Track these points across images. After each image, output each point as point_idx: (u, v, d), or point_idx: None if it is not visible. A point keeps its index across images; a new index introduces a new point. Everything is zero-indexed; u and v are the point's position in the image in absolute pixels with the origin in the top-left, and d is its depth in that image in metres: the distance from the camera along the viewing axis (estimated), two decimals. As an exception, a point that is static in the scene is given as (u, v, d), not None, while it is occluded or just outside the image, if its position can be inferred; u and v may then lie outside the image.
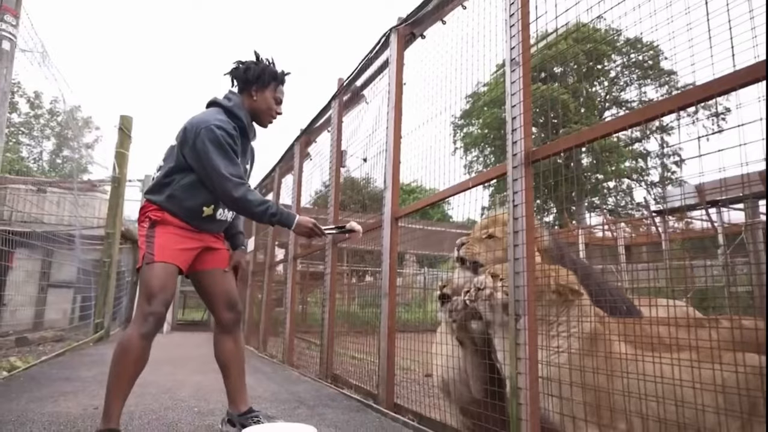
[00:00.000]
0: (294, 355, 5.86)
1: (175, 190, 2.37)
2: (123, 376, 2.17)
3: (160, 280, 2.26)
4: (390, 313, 3.39)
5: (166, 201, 2.37)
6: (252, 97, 2.54)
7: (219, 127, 2.30)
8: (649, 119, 1.81)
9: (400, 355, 3.38)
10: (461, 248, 2.55)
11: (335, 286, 4.78)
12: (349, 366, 4.43)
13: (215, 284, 2.56)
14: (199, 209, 2.41)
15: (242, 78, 2.54)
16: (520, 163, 2.21)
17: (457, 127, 25.97)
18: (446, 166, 3.00)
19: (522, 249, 2.13)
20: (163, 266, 2.29)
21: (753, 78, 1.50)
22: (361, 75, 4.59)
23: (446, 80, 3.09)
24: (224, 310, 2.57)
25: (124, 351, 2.18)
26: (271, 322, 7.62)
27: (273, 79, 2.55)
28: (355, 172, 4.96)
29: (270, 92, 2.55)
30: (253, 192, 2.34)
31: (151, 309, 2.22)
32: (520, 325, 2.08)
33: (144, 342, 2.21)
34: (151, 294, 2.23)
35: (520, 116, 2.25)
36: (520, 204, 2.18)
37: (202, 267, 2.54)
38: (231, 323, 2.58)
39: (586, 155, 22.33)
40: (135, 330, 2.20)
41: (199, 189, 2.38)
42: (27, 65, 5.01)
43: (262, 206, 2.32)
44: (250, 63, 2.55)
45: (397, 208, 3.54)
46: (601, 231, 13.19)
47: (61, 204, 11.24)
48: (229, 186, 2.27)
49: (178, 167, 2.38)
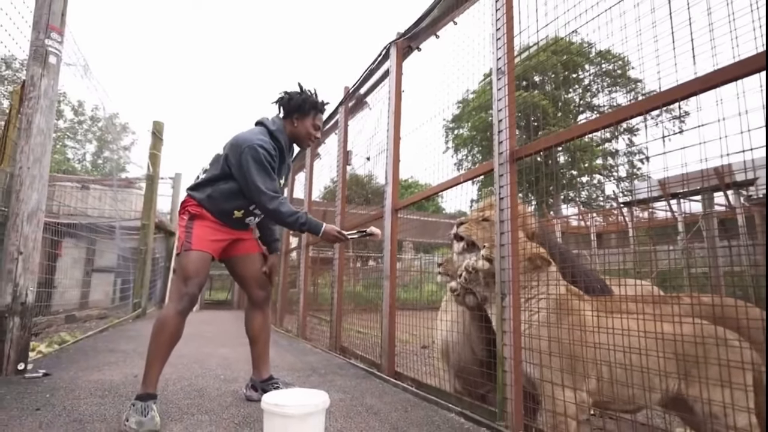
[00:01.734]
0: (307, 330, 5.88)
1: (215, 192, 2.40)
2: (161, 348, 2.19)
3: (195, 265, 2.28)
4: (391, 293, 3.40)
5: (206, 199, 2.40)
6: (293, 124, 2.56)
7: (262, 146, 2.34)
8: (619, 121, 1.80)
9: (399, 330, 3.39)
10: (460, 227, 2.55)
11: (343, 269, 4.79)
12: (356, 339, 4.44)
13: (247, 267, 2.61)
14: (231, 212, 2.45)
15: (286, 107, 2.57)
16: (506, 161, 2.21)
17: (449, 130, 25.89)
18: (439, 163, 2.99)
19: (507, 235, 2.13)
20: (198, 254, 2.32)
21: (711, 84, 1.49)
22: (365, 83, 4.57)
23: (439, 88, 3.08)
24: (256, 288, 2.62)
25: (163, 326, 2.20)
26: (287, 302, 7.64)
27: (313, 109, 2.57)
28: (359, 170, 4.95)
29: (309, 120, 2.57)
30: (286, 204, 2.37)
31: (187, 290, 2.24)
32: (505, 302, 2.08)
33: (180, 318, 2.22)
34: (188, 276, 2.26)
35: (506, 119, 2.24)
36: (505, 197, 2.18)
37: (235, 253, 2.59)
38: (262, 300, 2.63)
39: (563, 154, 22.27)
40: (172, 307, 2.23)
41: (235, 196, 2.42)
42: (71, 77, 4.99)
43: (292, 217, 2.35)
44: (294, 93, 2.57)
45: (397, 201, 3.54)
46: (576, 221, 13.17)
47: (102, 199, 11.24)
48: (265, 199, 2.31)
49: (222, 175, 2.41)
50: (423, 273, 6.80)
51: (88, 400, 2.44)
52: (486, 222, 2.48)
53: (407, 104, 3.65)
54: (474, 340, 2.56)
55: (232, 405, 2.47)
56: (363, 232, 2.52)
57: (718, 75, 1.47)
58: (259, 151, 2.32)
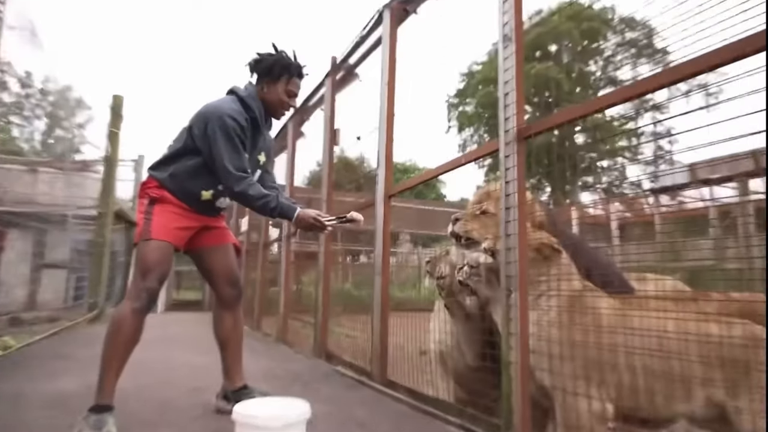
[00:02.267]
0: (288, 333, 5.89)
1: (178, 170, 2.39)
2: (116, 352, 2.19)
3: (155, 256, 2.27)
4: (383, 291, 3.40)
5: (168, 179, 2.39)
6: (263, 89, 2.53)
7: (231, 117, 2.31)
8: (641, 93, 1.79)
9: (394, 334, 3.40)
10: (456, 224, 2.55)
11: (330, 265, 4.79)
12: (344, 344, 4.46)
13: (216, 261, 2.59)
14: (197, 193, 2.42)
15: (255, 70, 2.54)
16: (513, 140, 2.20)
17: (452, 106, 25.85)
18: (439, 144, 2.98)
19: (514, 225, 2.13)
20: (159, 243, 2.30)
21: (752, 50, 1.48)
22: (354, 53, 4.53)
23: (440, 58, 3.06)
24: (225, 286, 2.60)
25: (117, 326, 2.20)
26: (266, 302, 7.64)
27: (285, 72, 2.52)
28: (349, 152, 4.93)
29: (281, 85, 2.53)
30: (255, 186, 2.34)
31: (146, 284, 2.23)
32: (511, 300, 2.09)
33: (137, 317, 2.22)
34: (147, 269, 2.25)
35: (513, 92, 2.23)
36: (512, 180, 2.18)
37: (202, 244, 2.56)
38: (232, 299, 2.61)
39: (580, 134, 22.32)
40: (128, 305, 2.22)
41: (202, 173, 2.40)
42: (16, 44, 4.92)
43: (262, 200, 2.33)
44: (266, 55, 2.53)
45: (391, 186, 3.53)
46: (594, 210, 13.22)
47: (53, 184, 11.15)
48: (231, 179, 2.29)
49: (186, 149, 2.40)
50: (421, 269, 6.82)
51: (35, 414, 2.44)
52: (485, 215, 2.48)
53: (403, 76, 3.63)
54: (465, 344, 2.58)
55: (201, 417, 2.48)
56: (342, 218, 2.50)
57: (759, 38, 1.46)
58: (228, 123, 2.30)
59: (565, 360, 1.97)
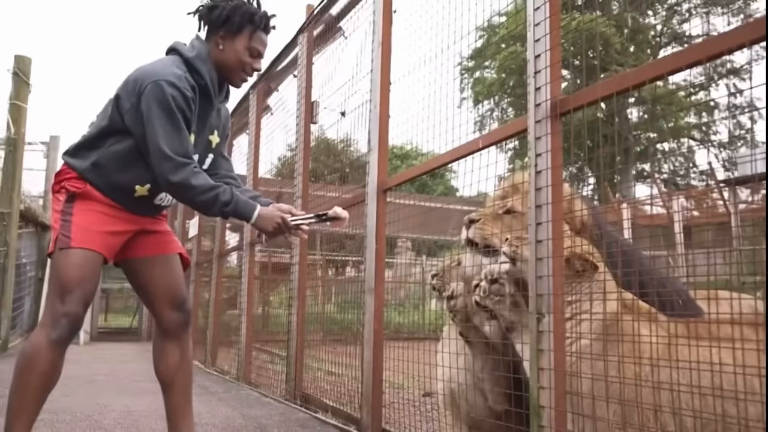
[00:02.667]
0: (252, 370, 5.89)
1: (104, 157, 2.36)
2: (28, 393, 2.19)
3: (77, 272, 2.25)
4: (377, 314, 3.42)
5: (90, 169, 2.36)
6: (218, 46, 2.48)
7: (171, 84, 2.27)
8: (713, 56, 1.81)
9: (390, 369, 3.42)
10: (471, 227, 2.55)
11: (305, 280, 4.80)
12: (325, 383, 4.47)
13: (155, 276, 2.57)
14: (130, 187, 2.41)
15: (207, 20, 2.50)
16: (545, 116, 2.22)
17: (466, 71, 25.87)
18: (450, 121, 2.99)
19: (547, 228, 2.14)
20: (82, 253, 2.28)
21: None
22: (338, 0, 4.55)
23: (450, 7, 3.07)
24: (168, 308, 2.58)
25: (30, 362, 2.19)
26: (222, 329, 7.65)
27: (248, 23, 2.46)
28: (330, 131, 4.94)
29: (243, 41, 2.47)
30: (200, 175, 2.31)
31: (66, 308, 2.22)
32: (543, 326, 2.11)
33: (55, 350, 2.21)
34: (66, 289, 2.23)
35: (546, 54, 2.24)
36: (544, 170, 2.19)
37: (137, 253, 2.55)
38: (177, 326, 2.60)
39: (635, 107, 22.40)
40: (43, 335, 2.21)
41: (135, 160, 2.38)
42: None
43: (208, 193, 2.29)
44: (221, 0, 2.47)
45: (386, 177, 3.54)
46: (652, 207, 13.28)
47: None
48: (168, 166, 2.24)
49: (112, 128, 2.37)
50: (425, 285, 6.85)
51: None
52: (510, 215, 2.49)
53: (401, 32, 3.65)
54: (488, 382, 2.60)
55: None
56: (321, 216, 2.47)
57: None
58: (167, 91, 2.25)
59: (598, 403, 1.99)
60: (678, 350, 1.99)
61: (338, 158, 5.69)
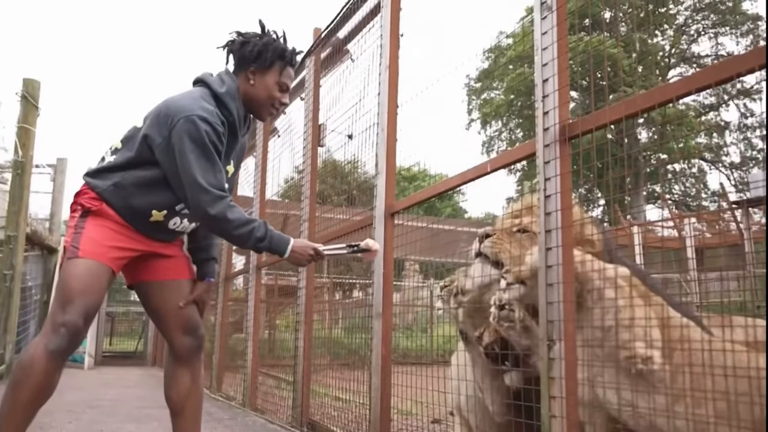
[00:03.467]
0: (258, 395, 5.87)
1: (126, 180, 2.39)
2: (20, 404, 2.16)
3: (82, 282, 2.26)
4: (385, 339, 3.40)
5: (111, 190, 2.39)
6: (249, 81, 2.53)
7: (204, 120, 2.31)
8: (722, 81, 1.82)
9: (398, 395, 3.40)
10: (485, 241, 2.56)
11: (312, 304, 4.79)
12: (332, 409, 4.44)
13: (168, 300, 2.58)
14: (147, 211, 2.44)
15: (239, 55, 2.54)
16: (554, 140, 2.23)
17: (473, 92, 26.00)
18: (458, 143, 3.00)
19: (557, 253, 2.14)
20: (88, 263, 2.29)
21: None
22: (345, 23, 4.59)
23: (458, 29, 3.10)
24: (181, 333, 2.59)
25: (26, 372, 2.17)
26: (228, 353, 7.63)
27: (279, 59, 2.52)
28: (337, 153, 4.96)
29: (273, 76, 2.53)
30: (235, 209, 2.34)
31: (66, 318, 2.20)
32: (554, 353, 2.10)
33: (52, 361, 2.19)
34: (68, 298, 2.23)
35: (554, 78, 2.26)
36: (553, 194, 2.19)
37: (152, 276, 2.57)
38: (189, 352, 2.61)
39: (644, 128, 22.41)
40: (41, 344, 2.19)
41: (156, 188, 2.42)
42: None
43: (244, 227, 2.33)
44: (252, 36, 2.54)
45: (393, 201, 3.55)
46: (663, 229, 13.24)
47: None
48: (206, 199, 2.28)
49: (138, 159, 2.41)
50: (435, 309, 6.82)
51: None
52: (524, 234, 2.50)
53: (408, 54, 3.68)
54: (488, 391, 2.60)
55: None
56: (353, 246, 2.49)
57: None
58: (201, 127, 2.29)
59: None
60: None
61: (345, 180, 5.71)
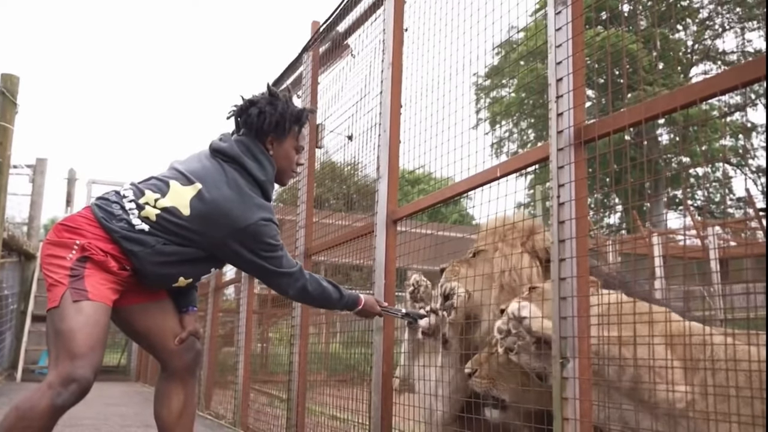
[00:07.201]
0: (250, 414, 5.86)
1: (159, 245, 2.41)
2: None
3: (93, 330, 2.23)
4: (386, 356, 3.40)
5: (143, 253, 2.38)
6: (268, 152, 2.66)
7: (269, 220, 2.51)
8: (749, 82, 1.81)
9: (400, 414, 3.39)
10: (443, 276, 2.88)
11: (308, 315, 4.79)
12: (328, 429, 4.44)
13: (156, 318, 2.62)
14: (173, 279, 2.53)
15: (255, 126, 2.62)
16: (568, 144, 2.22)
17: (482, 90, 25.99)
18: (464, 146, 3.01)
19: (571, 264, 2.14)
20: (99, 307, 2.28)
21: None
22: (345, 17, 4.59)
23: (465, 23, 3.10)
24: (176, 348, 2.64)
25: (24, 420, 2.13)
26: (218, 368, 7.63)
27: (296, 123, 2.67)
28: (336, 155, 4.96)
29: (291, 141, 2.69)
30: (314, 279, 2.67)
31: (78, 373, 2.17)
32: (567, 372, 2.10)
33: (54, 417, 2.17)
34: (80, 351, 2.19)
35: (569, 77, 2.25)
36: (567, 201, 2.19)
37: (131, 301, 2.55)
38: (185, 368, 2.66)
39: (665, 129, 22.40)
40: (47, 396, 2.14)
41: (196, 261, 2.52)
42: None
43: (323, 295, 2.68)
44: (264, 104, 2.61)
45: (396, 207, 3.55)
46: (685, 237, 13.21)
47: None
48: (286, 282, 2.61)
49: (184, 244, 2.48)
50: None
51: None
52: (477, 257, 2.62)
53: (413, 50, 3.67)
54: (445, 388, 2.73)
55: None
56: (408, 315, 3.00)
57: None
58: (268, 233, 2.48)
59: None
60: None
61: (344, 184, 5.71)
